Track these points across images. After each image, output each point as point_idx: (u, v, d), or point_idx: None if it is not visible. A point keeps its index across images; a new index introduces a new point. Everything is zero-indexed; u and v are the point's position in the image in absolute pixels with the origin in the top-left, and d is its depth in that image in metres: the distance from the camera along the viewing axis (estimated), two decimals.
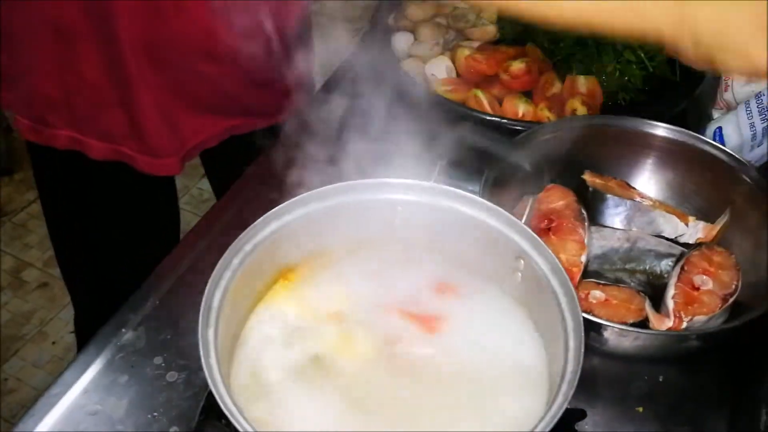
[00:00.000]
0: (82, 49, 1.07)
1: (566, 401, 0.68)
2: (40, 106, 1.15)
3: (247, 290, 0.81)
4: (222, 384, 0.68)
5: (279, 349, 0.81)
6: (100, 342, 0.95)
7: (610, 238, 1.03)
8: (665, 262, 1.01)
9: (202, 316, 0.73)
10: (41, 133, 1.18)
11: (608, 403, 0.92)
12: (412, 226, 0.87)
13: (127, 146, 1.17)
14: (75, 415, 0.88)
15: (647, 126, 1.10)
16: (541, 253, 0.80)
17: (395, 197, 0.86)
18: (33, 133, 1.18)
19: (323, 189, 0.84)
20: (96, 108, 1.13)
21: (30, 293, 2.37)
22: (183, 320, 0.97)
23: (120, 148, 1.18)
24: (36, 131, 1.18)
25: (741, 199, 1.04)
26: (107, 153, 1.18)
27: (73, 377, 0.92)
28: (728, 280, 0.96)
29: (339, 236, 0.87)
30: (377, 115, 1.02)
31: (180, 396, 0.90)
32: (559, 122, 1.11)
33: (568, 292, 0.76)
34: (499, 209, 0.83)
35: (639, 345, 0.90)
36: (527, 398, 0.76)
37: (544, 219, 1.03)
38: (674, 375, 0.95)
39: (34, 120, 1.17)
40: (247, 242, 0.80)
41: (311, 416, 0.75)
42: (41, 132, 1.18)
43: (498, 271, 0.86)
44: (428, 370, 0.80)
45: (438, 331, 0.83)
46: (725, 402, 0.93)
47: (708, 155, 1.07)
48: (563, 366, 0.72)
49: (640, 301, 0.96)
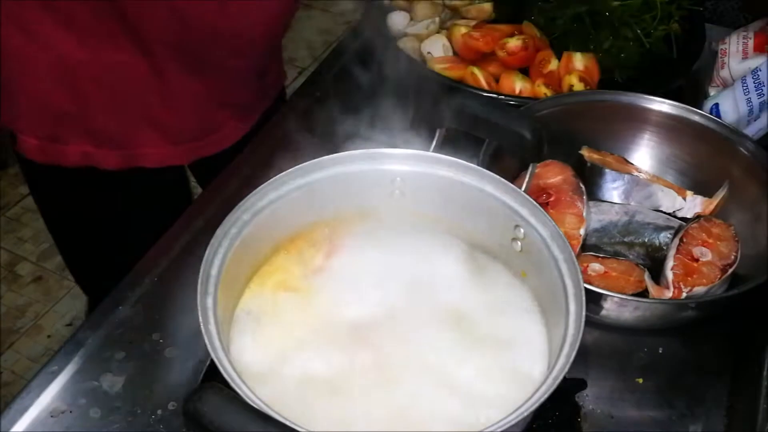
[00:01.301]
0: (109, 52, 1.06)
1: (568, 363, 0.67)
2: (51, 120, 1.12)
3: (246, 260, 0.81)
4: (221, 350, 0.68)
5: (277, 317, 0.80)
6: (97, 319, 0.94)
7: (608, 212, 1.03)
8: (664, 235, 1.01)
9: (201, 284, 0.72)
10: (49, 151, 1.14)
11: (608, 374, 0.92)
12: (411, 195, 0.87)
13: (143, 144, 1.16)
14: (72, 391, 0.87)
15: (644, 101, 1.09)
16: (540, 220, 0.80)
17: (394, 167, 0.86)
18: (40, 152, 1.15)
19: (321, 159, 0.84)
20: (119, 109, 1.12)
21: (24, 287, 2.36)
22: (181, 297, 0.96)
23: (134, 151, 1.16)
24: (44, 150, 1.14)
25: (739, 172, 1.04)
26: (121, 161, 1.16)
27: (70, 353, 0.91)
28: (727, 251, 0.96)
29: (338, 207, 0.87)
30: (373, 90, 1.02)
31: (178, 372, 0.90)
32: (555, 98, 1.11)
33: (568, 258, 0.76)
34: (498, 178, 0.83)
35: (639, 315, 0.90)
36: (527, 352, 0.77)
37: (543, 193, 1.02)
38: (674, 346, 0.95)
39: (42, 138, 1.13)
40: (245, 211, 0.79)
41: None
42: (49, 150, 1.14)
43: (497, 240, 0.85)
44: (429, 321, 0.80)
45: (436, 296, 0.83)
46: (725, 373, 0.92)
47: (705, 129, 1.07)
48: (564, 330, 0.71)
49: (639, 273, 0.96)
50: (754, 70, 1.17)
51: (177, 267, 1.01)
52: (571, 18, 1.23)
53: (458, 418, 0.73)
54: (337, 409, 0.73)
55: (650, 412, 0.88)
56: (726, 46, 1.29)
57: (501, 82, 1.21)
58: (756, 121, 1.15)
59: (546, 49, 1.24)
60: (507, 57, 1.21)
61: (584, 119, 1.11)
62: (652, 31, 1.24)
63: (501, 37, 1.23)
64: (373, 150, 0.85)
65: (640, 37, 1.22)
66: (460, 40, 1.24)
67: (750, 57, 1.25)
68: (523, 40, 1.22)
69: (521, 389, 0.73)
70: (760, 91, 1.15)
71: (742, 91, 1.17)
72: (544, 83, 1.19)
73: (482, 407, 0.73)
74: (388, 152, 0.86)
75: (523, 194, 0.82)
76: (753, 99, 1.15)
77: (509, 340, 0.80)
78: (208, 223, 1.04)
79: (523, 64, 1.23)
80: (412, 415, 0.73)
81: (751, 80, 1.16)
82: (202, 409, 0.58)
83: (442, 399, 0.74)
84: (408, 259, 0.86)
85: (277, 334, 0.80)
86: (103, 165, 1.16)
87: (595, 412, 0.88)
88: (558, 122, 1.08)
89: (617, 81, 1.24)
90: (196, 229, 1.05)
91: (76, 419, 0.85)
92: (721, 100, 1.19)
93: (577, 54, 1.21)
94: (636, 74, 1.25)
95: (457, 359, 0.78)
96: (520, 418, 0.64)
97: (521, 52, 1.20)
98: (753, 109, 1.15)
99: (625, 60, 1.24)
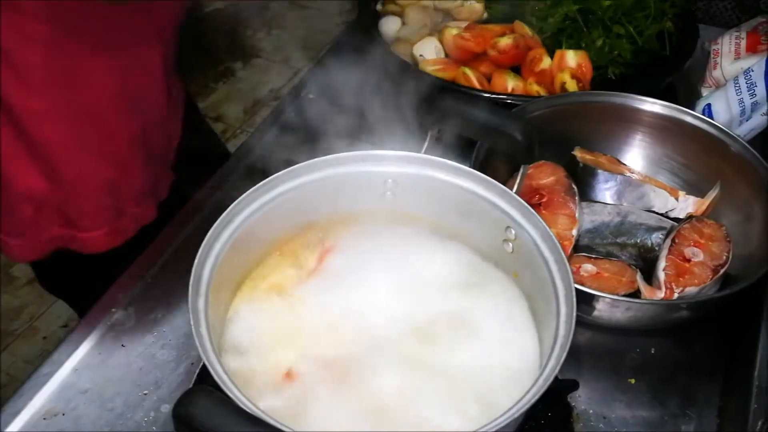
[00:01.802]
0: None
1: (559, 364, 0.67)
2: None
3: (239, 262, 0.81)
4: (213, 352, 0.68)
5: (269, 320, 0.80)
6: (90, 321, 0.95)
7: (600, 213, 1.04)
8: (656, 235, 1.01)
9: (192, 286, 0.72)
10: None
11: (601, 374, 0.92)
12: (403, 197, 0.87)
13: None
14: (65, 394, 0.88)
15: (637, 101, 1.10)
16: (530, 221, 0.80)
17: (386, 169, 0.86)
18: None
19: (313, 161, 0.84)
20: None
21: (20, 289, 2.36)
22: (173, 300, 0.97)
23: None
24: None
25: (731, 172, 1.05)
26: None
27: (63, 356, 0.91)
28: (719, 251, 0.96)
29: (330, 208, 0.87)
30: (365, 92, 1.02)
31: (171, 374, 0.90)
32: (548, 99, 1.11)
33: (559, 260, 0.76)
34: (489, 179, 0.83)
35: (631, 316, 0.90)
36: (519, 354, 0.77)
37: (535, 194, 1.03)
38: (666, 347, 0.95)
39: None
40: (237, 214, 0.79)
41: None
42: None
43: (489, 241, 0.85)
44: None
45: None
46: (717, 373, 0.93)
47: (697, 129, 1.07)
48: (555, 331, 0.72)
49: (631, 274, 0.96)
50: (746, 71, 1.17)
51: (169, 269, 1.01)
52: (564, 16, 1.23)
53: (450, 416, 0.73)
54: (327, 409, 0.73)
55: (642, 412, 0.89)
56: (718, 46, 1.29)
57: (493, 81, 1.21)
58: (748, 122, 1.15)
59: (538, 48, 1.24)
60: (498, 56, 1.21)
61: (577, 120, 1.11)
62: (644, 30, 1.24)
63: (492, 37, 1.23)
64: (365, 152, 0.85)
65: (632, 34, 1.23)
66: (452, 41, 1.25)
67: (742, 57, 1.25)
68: (515, 38, 1.22)
69: (513, 390, 0.73)
70: (752, 91, 1.15)
71: (735, 91, 1.17)
72: (536, 81, 1.20)
73: (471, 402, 0.73)
74: (380, 154, 0.86)
75: (513, 196, 0.82)
76: (745, 99, 1.15)
77: (501, 340, 0.80)
78: (200, 226, 1.04)
79: (514, 62, 1.23)
80: (403, 415, 0.73)
81: (744, 81, 1.16)
82: (193, 412, 0.58)
83: (432, 396, 0.75)
84: (400, 260, 0.86)
85: (270, 336, 0.80)
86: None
87: (588, 413, 0.88)
88: (550, 123, 1.08)
89: (610, 78, 1.25)
90: (188, 231, 1.05)
91: (68, 422, 0.85)
92: (714, 101, 1.19)
93: (570, 52, 1.21)
94: (629, 71, 1.25)
95: (449, 359, 0.78)
96: (510, 419, 0.64)
97: (512, 51, 1.21)
98: (745, 109, 1.15)
99: (618, 57, 1.24)
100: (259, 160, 1.16)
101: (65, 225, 1.09)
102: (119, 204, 1.11)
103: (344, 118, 1.00)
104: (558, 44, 1.25)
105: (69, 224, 1.09)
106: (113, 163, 1.07)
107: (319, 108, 1.20)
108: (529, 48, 1.23)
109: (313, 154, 0.85)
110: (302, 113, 1.24)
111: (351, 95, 1.01)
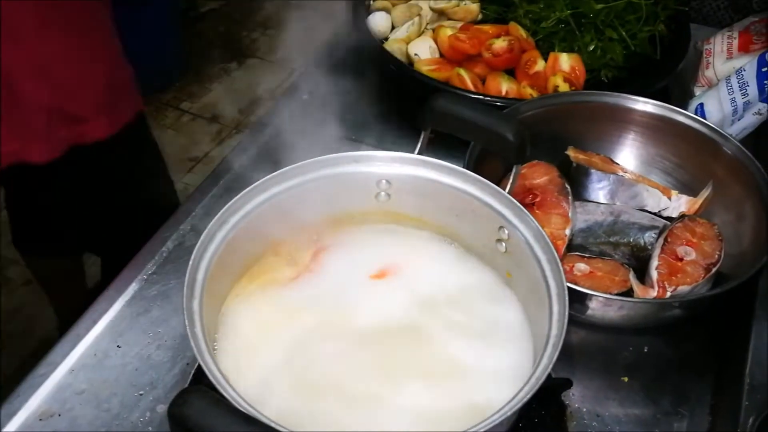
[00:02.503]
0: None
1: (551, 363, 0.68)
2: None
3: (233, 262, 0.81)
4: (207, 352, 0.68)
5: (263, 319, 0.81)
6: (86, 322, 0.95)
7: (594, 212, 1.04)
8: (649, 235, 1.01)
9: (187, 288, 0.73)
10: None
11: (594, 373, 0.93)
12: (397, 197, 0.88)
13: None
14: (61, 395, 0.88)
15: (629, 101, 1.10)
16: (523, 221, 0.80)
17: (380, 170, 0.86)
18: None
19: (307, 162, 0.84)
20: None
21: (16, 290, 2.35)
22: (168, 301, 0.97)
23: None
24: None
25: (723, 171, 1.05)
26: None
27: (59, 357, 0.91)
28: (711, 250, 0.97)
29: (324, 209, 0.87)
30: (360, 91, 1.02)
31: (167, 374, 0.90)
32: (541, 99, 1.11)
33: (552, 259, 0.77)
34: (482, 179, 0.83)
35: (624, 314, 0.91)
36: (512, 353, 0.77)
37: (528, 194, 1.03)
38: (659, 346, 0.96)
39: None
40: (231, 215, 0.80)
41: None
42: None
43: (482, 241, 0.86)
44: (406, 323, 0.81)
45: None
46: (709, 371, 0.93)
47: (690, 129, 1.07)
48: (547, 331, 0.72)
49: (624, 273, 0.97)
50: (738, 70, 1.18)
51: (164, 270, 1.01)
52: (558, 19, 1.23)
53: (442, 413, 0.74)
54: (323, 408, 0.73)
55: (635, 410, 0.89)
56: (711, 46, 1.29)
57: (487, 84, 1.21)
58: (740, 121, 1.16)
59: (532, 50, 1.25)
60: (493, 58, 1.22)
61: (570, 120, 1.12)
62: (637, 33, 1.24)
63: (487, 39, 1.23)
64: (359, 152, 0.86)
65: (625, 38, 1.23)
66: (447, 41, 1.25)
67: (734, 57, 1.25)
68: (509, 41, 1.22)
69: (506, 388, 0.74)
70: (744, 90, 1.15)
71: (727, 90, 1.17)
72: (529, 84, 1.20)
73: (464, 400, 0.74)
74: (374, 155, 0.86)
75: (506, 196, 0.82)
76: (737, 99, 1.16)
77: (494, 340, 0.81)
78: (195, 227, 1.05)
79: (508, 65, 1.23)
80: (399, 410, 0.74)
81: (736, 80, 1.17)
82: (187, 412, 0.58)
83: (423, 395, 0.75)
84: (394, 260, 0.87)
85: (265, 335, 0.80)
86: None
87: (581, 411, 0.88)
88: (544, 123, 1.09)
89: (603, 81, 1.25)
90: (183, 232, 1.05)
91: (64, 422, 0.85)
92: (706, 100, 1.20)
93: (563, 55, 1.22)
94: (622, 74, 1.26)
95: (441, 357, 0.79)
96: (503, 418, 0.65)
97: (507, 54, 1.21)
98: (737, 108, 1.16)
99: (611, 60, 1.24)
100: (254, 160, 1.16)
101: (73, 122, 1.30)
102: (114, 97, 1.33)
103: (338, 119, 1.01)
104: (551, 47, 1.26)
105: (76, 121, 1.30)
106: (106, 63, 1.31)
107: (313, 108, 1.20)
108: (523, 50, 1.24)
109: (308, 155, 0.85)
110: (297, 113, 1.24)
111: (344, 95, 1.01)
